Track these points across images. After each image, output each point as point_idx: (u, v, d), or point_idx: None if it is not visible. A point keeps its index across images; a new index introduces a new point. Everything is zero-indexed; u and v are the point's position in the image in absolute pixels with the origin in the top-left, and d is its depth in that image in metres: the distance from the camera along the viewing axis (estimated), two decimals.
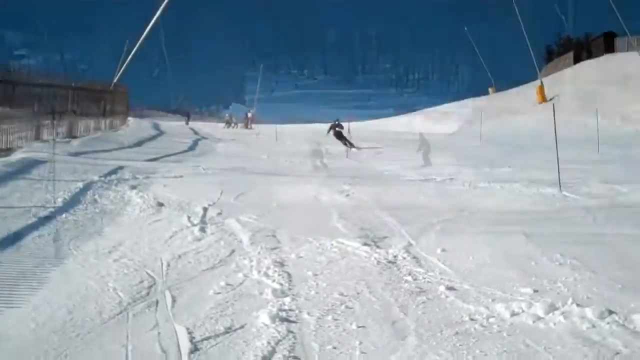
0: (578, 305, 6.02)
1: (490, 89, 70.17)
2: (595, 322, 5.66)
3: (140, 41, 34.64)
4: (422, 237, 9.58)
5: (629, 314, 5.87)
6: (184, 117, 65.81)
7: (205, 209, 11.23)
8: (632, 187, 14.48)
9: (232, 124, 59.68)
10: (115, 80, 35.69)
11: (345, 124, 29.72)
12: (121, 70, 35.92)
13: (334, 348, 5.13)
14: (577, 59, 70.05)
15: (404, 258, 8.22)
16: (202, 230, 9.61)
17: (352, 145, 27.92)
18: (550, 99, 51.94)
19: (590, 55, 68.70)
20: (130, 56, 35.28)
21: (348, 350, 5.09)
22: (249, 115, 59.16)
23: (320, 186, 14.44)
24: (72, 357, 4.89)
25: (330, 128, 30.14)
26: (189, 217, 10.46)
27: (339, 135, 29.18)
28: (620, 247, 9.53)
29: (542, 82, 55.13)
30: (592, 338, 5.34)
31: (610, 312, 5.84)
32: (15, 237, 8.76)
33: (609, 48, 65.88)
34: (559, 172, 14.38)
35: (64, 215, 10.14)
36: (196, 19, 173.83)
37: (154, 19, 33.99)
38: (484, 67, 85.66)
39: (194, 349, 5.06)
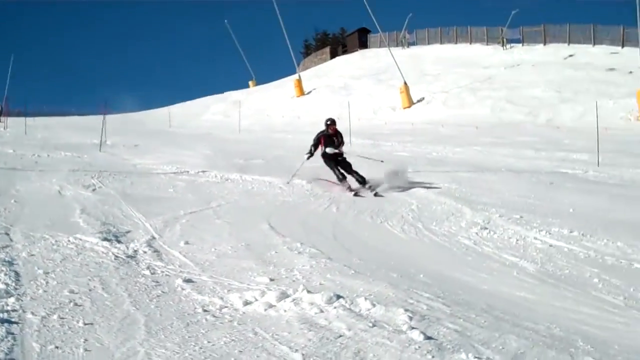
0: (309, 291, 6.19)
1: (250, 83, 70.88)
2: (323, 307, 5.84)
3: None
4: (166, 230, 9.50)
5: (355, 298, 6.12)
6: None
7: None
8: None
9: None
10: None
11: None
12: None
13: (57, 347, 4.89)
14: (333, 54, 72.93)
15: (145, 252, 8.10)
16: None
17: (362, 181, 14.20)
18: (308, 93, 53.55)
19: (345, 50, 71.81)
20: None
21: (71, 349, 4.88)
22: None
23: (66, 181, 13.87)
24: None
25: (320, 142, 14.96)
26: None
27: (342, 162, 14.86)
28: (359, 234, 9.99)
29: (299, 77, 56.59)
30: (319, 323, 5.50)
31: (339, 297, 6.05)
32: None
33: (363, 43, 69.32)
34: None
35: None
36: None
37: None
38: (245, 60, 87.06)
39: None
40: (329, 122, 14.98)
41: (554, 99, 36.65)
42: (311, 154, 14.80)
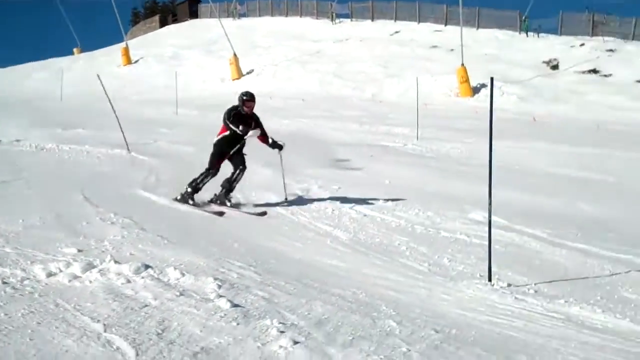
0: (116, 262, 6.04)
1: (75, 50, 68.32)
2: (131, 278, 5.72)
3: None
4: None
5: (165, 267, 6.05)
6: None
7: None
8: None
9: None
10: None
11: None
12: None
13: None
14: (163, 23, 71.57)
15: None
16: None
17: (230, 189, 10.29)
18: (136, 62, 52.43)
19: (176, 20, 70.68)
20: None
21: None
22: None
23: None
24: None
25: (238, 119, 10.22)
26: None
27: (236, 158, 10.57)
28: (176, 204, 9.87)
29: (127, 45, 55.27)
30: (125, 293, 5.38)
31: (147, 267, 5.95)
32: None
33: (194, 13, 68.44)
34: (123, 134, 14.55)
35: None
36: None
37: None
38: (70, 27, 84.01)
39: None
40: (245, 97, 10.23)
41: (379, 74, 37.72)
42: (245, 132, 10.26)
